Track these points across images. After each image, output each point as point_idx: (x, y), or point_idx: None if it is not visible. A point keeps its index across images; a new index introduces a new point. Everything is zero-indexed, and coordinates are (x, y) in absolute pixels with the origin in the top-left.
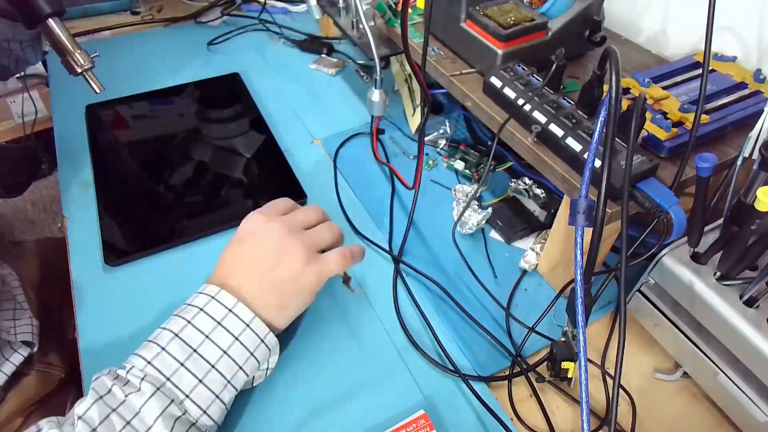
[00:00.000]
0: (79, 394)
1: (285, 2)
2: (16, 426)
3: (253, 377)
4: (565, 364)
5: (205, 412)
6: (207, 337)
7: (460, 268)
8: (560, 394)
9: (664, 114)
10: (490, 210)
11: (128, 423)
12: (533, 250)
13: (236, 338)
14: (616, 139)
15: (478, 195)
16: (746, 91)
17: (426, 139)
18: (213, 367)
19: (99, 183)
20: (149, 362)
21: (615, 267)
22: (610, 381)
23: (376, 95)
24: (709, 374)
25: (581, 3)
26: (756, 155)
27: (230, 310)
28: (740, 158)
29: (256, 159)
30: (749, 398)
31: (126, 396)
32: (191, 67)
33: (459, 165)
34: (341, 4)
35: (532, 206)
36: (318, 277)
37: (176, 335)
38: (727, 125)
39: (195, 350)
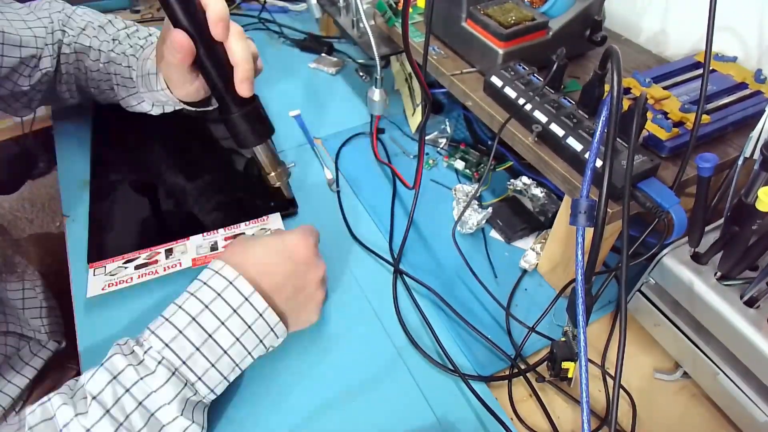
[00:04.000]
0: None
1: (285, 1)
2: None
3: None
4: (565, 364)
5: (212, 390)
6: (223, 324)
7: (460, 268)
8: (560, 394)
9: (665, 114)
10: (490, 210)
11: (140, 404)
12: (533, 249)
13: (249, 327)
14: (617, 139)
15: (478, 194)
16: (747, 92)
17: (426, 138)
18: (225, 352)
19: (95, 182)
20: (167, 345)
21: (615, 267)
22: (610, 381)
23: (376, 94)
24: (709, 374)
25: (582, 3)
26: (757, 155)
27: (246, 299)
28: (741, 158)
29: (252, 162)
30: (749, 398)
31: (141, 378)
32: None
33: (459, 164)
34: (341, 3)
35: (532, 206)
36: (323, 298)
37: (194, 319)
38: (728, 125)
39: (210, 335)
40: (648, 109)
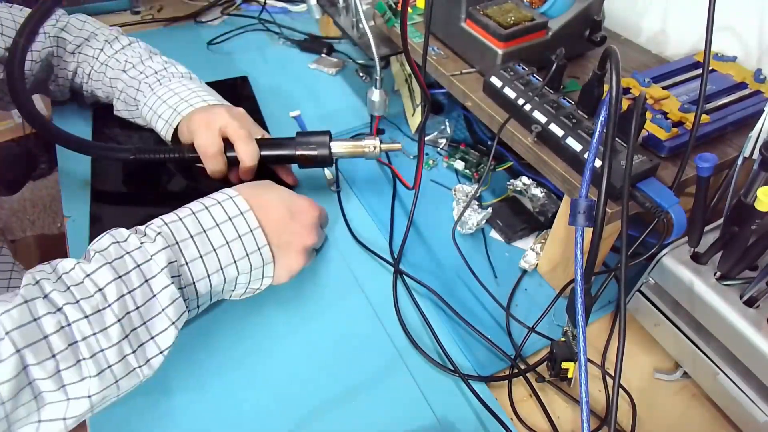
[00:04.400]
0: None
1: (285, 2)
2: None
3: (245, 289)
4: (565, 364)
5: (194, 283)
6: (217, 225)
7: (460, 268)
8: (560, 394)
9: (665, 114)
10: (490, 210)
11: (138, 266)
12: (533, 250)
13: (240, 237)
14: (617, 139)
15: (478, 195)
16: (746, 91)
17: (426, 138)
18: (214, 250)
19: (95, 182)
20: (166, 223)
21: (615, 267)
22: (610, 381)
23: (376, 95)
24: (709, 374)
25: (581, 3)
26: (756, 155)
27: (242, 213)
28: (740, 158)
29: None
30: (749, 398)
31: (141, 244)
32: (191, 67)
33: (459, 165)
34: (341, 3)
35: (531, 206)
36: (303, 263)
37: (193, 213)
38: (727, 125)
39: (204, 231)
40: (647, 109)
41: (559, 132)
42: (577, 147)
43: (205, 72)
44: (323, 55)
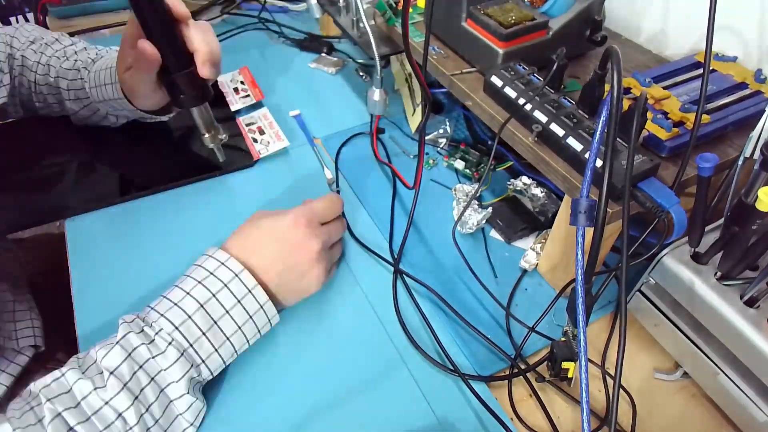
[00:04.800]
0: None
1: (285, 1)
2: None
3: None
4: (565, 364)
5: (212, 373)
6: (227, 312)
7: (460, 268)
8: (560, 394)
9: (665, 114)
10: (490, 209)
11: (152, 379)
12: (533, 249)
13: (251, 317)
14: (617, 138)
15: (478, 194)
16: (747, 91)
17: (426, 138)
18: (228, 339)
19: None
20: (176, 327)
21: (615, 267)
22: (610, 381)
23: (376, 94)
24: (709, 374)
25: (582, 2)
26: (757, 155)
27: (250, 291)
28: (741, 158)
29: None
30: (749, 398)
31: (153, 357)
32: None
33: (459, 164)
34: (341, 2)
35: (531, 206)
36: (325, 271)
37: (202, 306)
38: (728, 125)
39: (216, 323)
40: (648, 109)
41: (559, 132)
42: (578, 147)
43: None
44: (323, 55)
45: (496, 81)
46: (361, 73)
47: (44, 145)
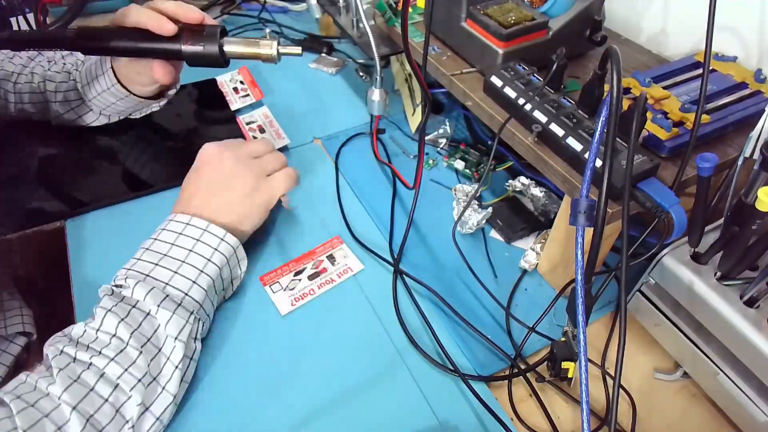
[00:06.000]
0: None
1: (285, 1)
2: None
3: (230, 282)
4: (565, 364)
5: (186, 294)
6: (173, 244)
7: (460, 268)
8: (560, 394)
9: (665, 114)
10: (490, 209)
11: (133, 307)
12: (533, 249)
13: (198, 239)
14: (617, 138)
15: (478, 194)
16: (747, 91)
17: (426, 138)
18: (183, 262)
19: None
20: (129, 269)
21: (615, 267)
22: (610, 381)
23: (376, 94)
24: (709, 374)
25: (582, 2)
26: (757, 155)
27: (187, 224)
28: (741, 158)
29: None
30: (749, 398)
31: (121, 292)
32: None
33: (459, 164)
34: (341, 3)
35: (532, 206)
36: (268, 195)
37: (147, 249)
38: (728, 125)
39: (165, 254)
40: (648, 109)
41: (559, 132)
42: (578, 147)
43: (204, 71)
44: (323, 55)
45: (496, 81)
46: (361, 73)
47: (44, 145)
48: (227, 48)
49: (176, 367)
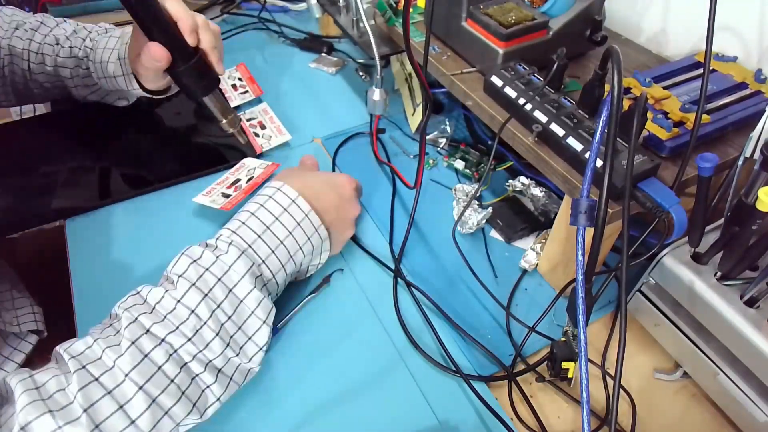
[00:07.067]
0: None
1: (285, 1)
2: None
3: (308, 267)
4: (565, 364)
5: (274, 276)
6: (276, 218)
7: (460, 268)
8: (560, 394)
9: (665, 114)
10: (490, 209)
11: (219, 279)
12: (533, 249)
13: (298, 223)
14: (618, 138)
15: (478, 194)
16: (747, 91)
17: (426, 138)
18: (281, 242)
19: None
20: (234, 231)
21: (616, 267)
22: (610, 381)
23: (376, 94)
24: (709, 374)
25: (582, 2)
26: (757, 155)
27: (293, 201)
28: (741, 158)
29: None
30: (749, 398)
31: (217, 257)
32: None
33: (459, 164)
34: (341, 2)
35: (532, 206)
36: (351, 234)
37: (252, 214)
38: (728, 125)
39: (268, 227)
40: (648, 109)
41: (559, 132)
42: (578, 147)
43: None
44: (323, 55)
45: (496, 81)
46: (361, 73)
47: (44, 145)
48: (208, 97)
49: (260, 348)
